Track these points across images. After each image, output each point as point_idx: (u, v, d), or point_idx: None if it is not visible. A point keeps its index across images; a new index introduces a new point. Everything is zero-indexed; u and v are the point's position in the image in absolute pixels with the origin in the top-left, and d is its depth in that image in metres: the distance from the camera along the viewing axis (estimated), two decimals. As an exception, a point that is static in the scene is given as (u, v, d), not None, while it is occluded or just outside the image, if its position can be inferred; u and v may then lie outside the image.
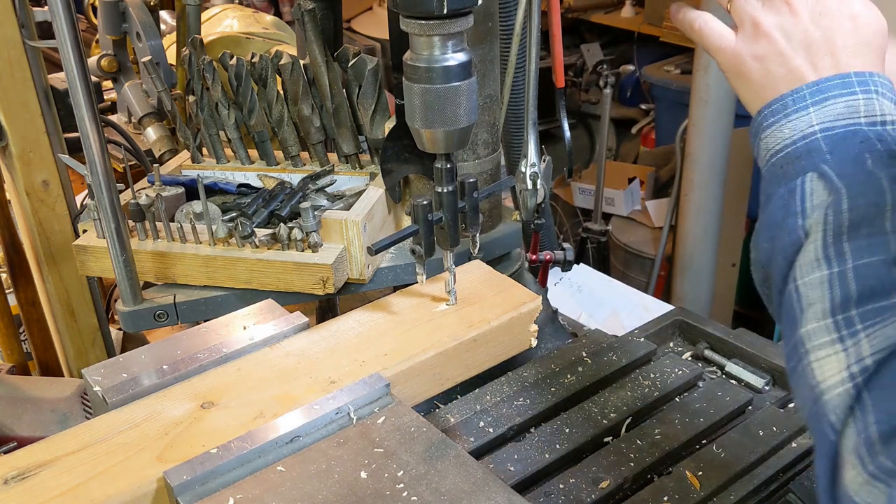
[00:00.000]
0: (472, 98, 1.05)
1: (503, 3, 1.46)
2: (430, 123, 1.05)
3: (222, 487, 0.92)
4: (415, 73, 1.03)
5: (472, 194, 1.13)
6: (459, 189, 1.12)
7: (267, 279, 1.32)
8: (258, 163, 1.62)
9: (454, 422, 1.18)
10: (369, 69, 1.42)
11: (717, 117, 3.18)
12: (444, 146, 1.07)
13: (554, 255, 1.73)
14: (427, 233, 1.12)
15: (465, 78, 1.03)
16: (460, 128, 1.05)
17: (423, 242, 1.12)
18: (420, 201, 1.10)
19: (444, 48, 1.01)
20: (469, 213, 1.14)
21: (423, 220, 1.11)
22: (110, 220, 1.24)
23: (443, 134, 1.06)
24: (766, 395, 1.31)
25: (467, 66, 1.02)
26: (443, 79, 1.02)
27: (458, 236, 1.14)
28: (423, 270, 1.18)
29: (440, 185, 1.10)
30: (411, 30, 1.00)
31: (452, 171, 1.10)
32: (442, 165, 1.09)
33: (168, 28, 2.58)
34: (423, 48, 1.01)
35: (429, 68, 1.01)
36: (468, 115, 1.05)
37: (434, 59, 1.01)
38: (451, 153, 1.09)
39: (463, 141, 1.08)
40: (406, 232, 1.13)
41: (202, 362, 1.11)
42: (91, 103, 1.19)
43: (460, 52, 1.02)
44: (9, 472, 0.93)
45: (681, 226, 3.44)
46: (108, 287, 2.22)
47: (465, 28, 1.00)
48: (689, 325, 1.45)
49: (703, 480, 1.08)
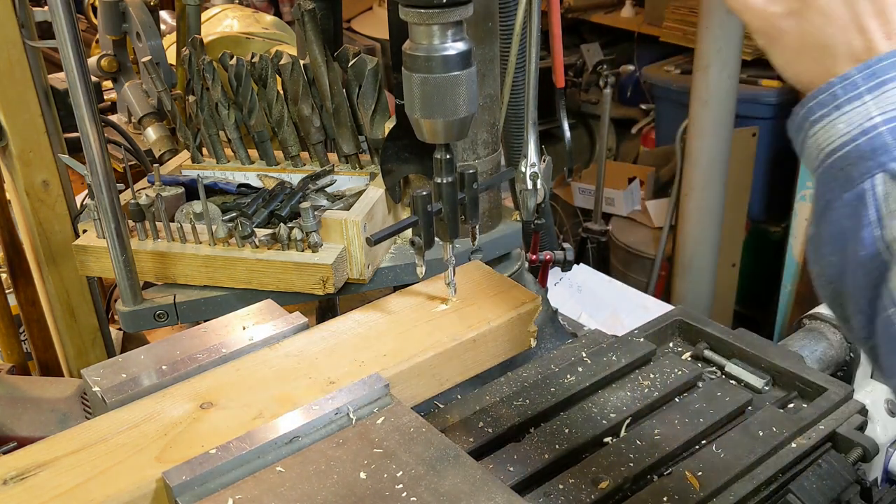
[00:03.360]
0: (472, 88, 1.04)
1: (503, 3, 1.46)
2: (429, 113, 1.04)
3: (221, 488, 0.92)
4: (414, 63, 1.02)
5: (472, 185, 1.12)
6: (459, 180, 1.11)
7: (267, 279, 1.32)
8: (258, 163, 1.62)
9: (454, 422, 1.18)
10: (369, 69, 1.42)
11: (717, 117, 3.18)
12: (444, 136, 1.06)
13: (554, 255, 1.73)
14: (426, 224, 1.11)
15: (465, 67, 1.02)
16: (460, 117, 1.04)
17: (423, 234, 1.11)
18: (419, 192, 1.09)
19: (443, 37, 1.00)
20: (468, 205, 1.13)
21: (422, 211, 1.10)
22: (110, 220, 1.24)
23: (442, 124, 1.05)
24: (766, 396, 1.30)
25: (467, 55, 1.01)
26: (442, 68, 1.01)
27: (457, 228, 1.13)
28: (422, 262, 1.17)
29: (439, 176, 1.09)
30: (410, 18, 0.99)
31: (452, 161, 1.09)
32: (441, 156, 1.09)
33: (168, 28, 2.58)
34: (422, 37, 1.00)
35: (428, 57, 1.00)
36: (468, 104, 1.04)
37: (433, 48, 1.00)
38: (450, 144, 1.08)
39: (463, 131, 1.07)
40: (405, 223, 1.12)
41: (201, 363, 1.11)
42: (91, 103, 1.19)
43: (460, 42, 1.01)
44: (8, 472, 0.93)
45: (681, 226, 3.44)
46: (108, 287, 2.22)
47: (464, 17, 0.99)
48: (689, 325, 1.45)
49: (703, 481, 1.08)
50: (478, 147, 1.44)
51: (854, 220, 0.68)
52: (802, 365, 1.34)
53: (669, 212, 3.71)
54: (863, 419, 1.25)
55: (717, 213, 3.36)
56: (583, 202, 4.35)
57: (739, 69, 3.15)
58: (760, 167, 3.64)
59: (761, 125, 3.57)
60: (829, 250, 0.71)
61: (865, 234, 0.67)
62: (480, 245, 1.36)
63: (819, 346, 1.45)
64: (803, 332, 1.49)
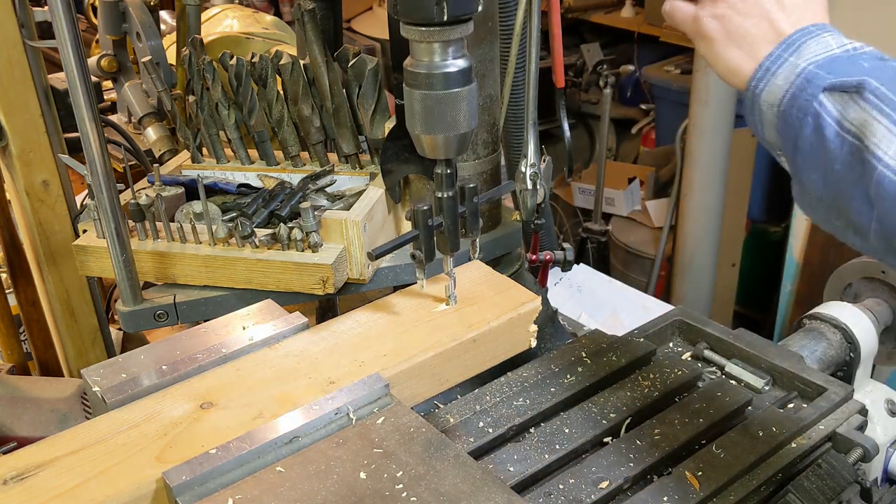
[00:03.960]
0: (473, 104, 1.05)
1: (503, 4, 1.46)
2: (430, 129, 1.05)
3: (221, 488, 0.92)
4: (415, 80, 1.03)
5: (472, 199, 1.13)
6: (459, 194, 1.12)
7: (267, 279, 1.32)
8: (258, 163, 1.62)
9: (454, 422, 1.18)
10: (369, 69, 1.42)
11: (717, 117, 3.18)
12: (445, 152, 1.08)
13: (554, 255, 1.73)
14: (427, 238, 1.12)
15: (466, 84, 1.03)
16: (460, 133, 1.06)
17: (424, 247, 1.12)
18: (420, 207, 1.10)
19: (444, 54, 1.01)
20: (469, 218, 1.14)
21: (423, 226, 1.11)
22: (110, 220, 1.24)
23: (443, 139, 1.06)
24: (766, 395, 1.31)
25: (467, 72, 1.03)
26: (443, 85, 1.02)
27: (458, 241, 1.14)
28: (423, 275, 1.18)
29: (440, 191, 1.11)
30: (411, 36, 1.00)
31: (453, 176, 1.10)
32: (442, 171, 1.10)
33: (168, 28, 2.58)
34: (423, 54, 1.02)
35: (429, 74, 1.02)
36: (468, 120, 1.05)
37: (434, 65, 1.01)
38: (451, 158, 1.09)
39: (463, 146, 1.09)
40: (406, 237, 1.13)
41: (201, 363, 1.11)
42: (91, 103, 1.19)
43: (461, 59, 1.02)
44: (8, 472, 0.93)
45: (681, 226, 3.44)
46: (108, 287, 2.22)
47: (465, 34, 1.00)
48: (689, 325, 1.45)
49: (703, 481, 1.08)
50: (478, 147, 1.44)
51: (818, 133, 0.85)
52: (802, 365, 1.34)
53: (669, 212, 3.71)
54: (863, 419, 1.25)
55: (717, 213, 3.36)
56: (583, 202, 4.35)
57: (739, 69, 3.14)
58: (760, 167, 3.64)
59: (761, 125, 3.57)
60: (810, 171, 0.88)
61: (829, 134, 0.84)
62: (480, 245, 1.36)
63: (819, 346, 1.45)
64: (803, 332, 1.49)
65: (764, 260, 3.82)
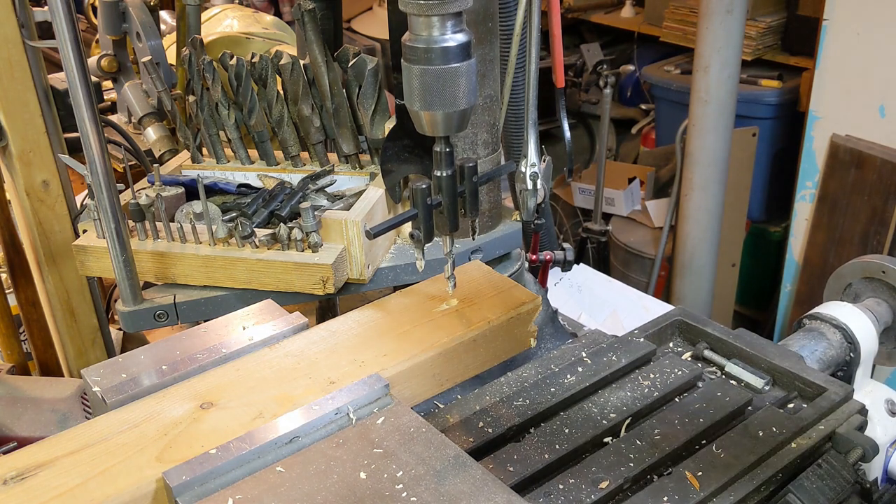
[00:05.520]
0: (472, 80, 1.03)
1: (503, 3, 1.46)
2: (428, 105, 1.03)
3: (221, 488, 0.92)
4: (413, 54, 1.01)
5: (472, 179, 1.11)
6: (459, 173, 1.10)
7: (267, 279, 1.32)
8: (258, 163, 1.62)
9: (454, 422, 1.18)
10: (369, 69, 1.42)
11: (717, 117, 3.18)
12: (444, 128, 1.05)
13: (554, 255, 1.73)
14: (426, 217, 1.10)
15: (465, 59, 1.01)
16: (459, 109, 1.03)
17: (423, 227, 1.10)
18: (419, 185, 1.08)
19: (442, 28, 0.99)
20: (468, 198, 1.12)
21: (422, 204, 1.09)
22: (110, 220, 1.24)
23: (442, 116, 1.04)
24: (766, 396, 1.30)
25: (466, 47, 1.01)
26: (442, 60, 1.00)
27: (457, 221, 1.12)
28: (421, 255, 1.16)
29: (439, 169, 1.08)
30: (410, 9, 0.98)
31: (451, 154, 1.08)
32: (441, 149, 1.07)
33: (168, 28, 2.58)
34: (421, 28, 1.00)
35: (427, 49, 0.99)
36: (467, 97, 1.03)
37: (433, 39, 0.99)
38: (450, 136, 1.08)
39: (462, 123, 1.06)
40: (405, 216, 1.11)
41: (201, 363, 1.11)
42: (91, 103, 1.19)
43: (460, 33, 1.00)
44: (8, 472, 0.93)
45: (681, 226, 3.45)
46: (108, 287, 2.22)
47: (463, 7, 0.98)
48: (689, 326, 1.45)
49: (703, 481, 1.08)
50: (478, 147, 1.44)
51: None
52: (802, 365, 1.34)
53: (669, 212, 3.71)
54: (863, 419, 1.25)
55: (717, 213, 3.36)
56: (583, 202, 4.35)
57: (739, 69, 3.15)
58: (760, 167, 3.64)
59: (761, 125, 3.57)
60: None
61: None
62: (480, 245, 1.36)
63: (819, 346, 1.45)
64: (803, 332, 1.49)
65: (764, 260, 3.82)
